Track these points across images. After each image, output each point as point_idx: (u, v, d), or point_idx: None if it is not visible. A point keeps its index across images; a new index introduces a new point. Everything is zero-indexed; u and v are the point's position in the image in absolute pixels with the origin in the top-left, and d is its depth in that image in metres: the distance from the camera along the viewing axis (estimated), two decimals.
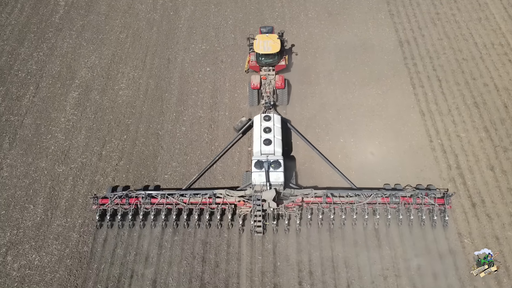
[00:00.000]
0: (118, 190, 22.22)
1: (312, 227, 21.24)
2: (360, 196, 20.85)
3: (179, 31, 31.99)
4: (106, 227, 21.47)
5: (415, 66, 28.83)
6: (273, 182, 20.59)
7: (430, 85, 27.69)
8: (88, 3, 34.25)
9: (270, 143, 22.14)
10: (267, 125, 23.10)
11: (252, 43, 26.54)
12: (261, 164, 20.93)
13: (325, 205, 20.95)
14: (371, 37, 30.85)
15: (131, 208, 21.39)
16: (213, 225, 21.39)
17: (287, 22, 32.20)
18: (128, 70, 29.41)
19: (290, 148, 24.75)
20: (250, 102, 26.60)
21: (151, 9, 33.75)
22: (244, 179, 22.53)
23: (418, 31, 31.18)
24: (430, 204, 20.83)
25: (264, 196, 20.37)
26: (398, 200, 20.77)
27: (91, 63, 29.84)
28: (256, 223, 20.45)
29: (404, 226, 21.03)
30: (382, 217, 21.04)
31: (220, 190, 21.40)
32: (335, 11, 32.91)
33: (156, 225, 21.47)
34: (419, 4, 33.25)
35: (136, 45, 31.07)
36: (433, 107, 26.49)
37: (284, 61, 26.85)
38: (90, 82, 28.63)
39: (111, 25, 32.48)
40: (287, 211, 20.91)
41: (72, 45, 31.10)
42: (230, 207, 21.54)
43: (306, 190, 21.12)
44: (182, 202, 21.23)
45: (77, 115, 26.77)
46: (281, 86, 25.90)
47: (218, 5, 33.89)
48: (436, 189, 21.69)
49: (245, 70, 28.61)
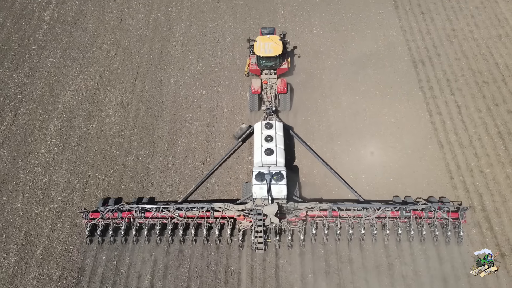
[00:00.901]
0: (109, 203, 20.79)
1: (317, 243, 19.78)
2: (368, 209, 19.53)
3: (172, 49, 29.41)
4: (96, 244, 20.02)
5: (431, 90, 26.26)
6: (275, 195, 19.22)
7: (449, 112, 25.12)
8: (75, 17, 31.66)
9: (272, 153, 20.73)
10: (268, 134, 21.64)
11: (253, 45, 25.02)
12: (263, 177, 19.58)
13: (330, 219, 19.67)
14: (382, 56, 28.27)
15: (123, 223, 19.97)
16: (211, 240, 20.09)
17: (291, 39, 29.54)
18: (117, 93, 26.83)
19: (293, 157, 23.17)
20: (250, 107, 25.04)
21: (143, 24, 31.17)
22: (244, 190, 21.16)
23: (433, 50, 28.59)
24: (443, 219, 19.56)
25: (265, 211, 18.94)
26: (409, 214, 19.45)
27: (76, 86, 27.26)
28: (257, 239, 19.02)
29: (415, 242, 19.66)
30: (392, 232, 19.83)
31: (218, 204, 20.04)
32: (343, 27, 30.33)
33: (150, 240, 20.05)
34: (433, 19, 30.67)
35: (126, 65, 28.49)
36: (453, 138, 23.93)
37: (287, 64, 25.34)
38: (74, 108, 26.06)
39: (99, 42, 29.89)
40: (290, 225, 19.65)
41: (56, 64, 28.51)
42: (229, 222, 20.06)
43: (311, 203, 19.79)
44: (178, 216, 19.90)
45: (59, 146, 24.19)
46: (283, 91, 24.44)
47: (216, 20, 31.32)
48: (449, 202, 20.38)
49: (245, 74, 26.96)
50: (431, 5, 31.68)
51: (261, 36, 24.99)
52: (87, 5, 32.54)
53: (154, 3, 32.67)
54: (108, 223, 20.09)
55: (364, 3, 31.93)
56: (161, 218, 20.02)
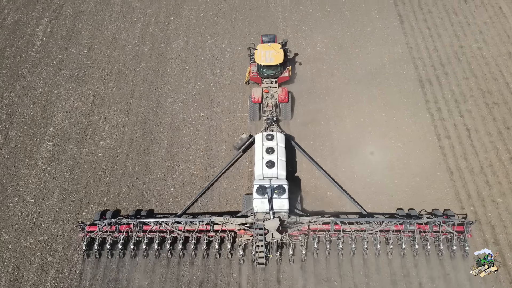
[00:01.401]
0: (107, 216, 20.32)
1: (319, 257, 19.37)
2: (371, 223, 19.18)
3: (170, 67, 28.33)
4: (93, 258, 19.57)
5: (439, 112, 25.18)
6: (277, 210, 18.80)
7: (458, 136, 24.04)
8: (69, 33, 30.58)
9: (273, 166, 20.40)
10: (269, 145, 21.28)
11: (253, 52, 24.62)
12: (264, 190, 19.21)
13: (333, 233, 19.31)
14: (388, 75, 27.19)
15: (121, 237, 19.55)
16: (211, 254, 19.66)
17: (292, 58, 28.52)
18: (111, 115, 25.75)
19: (294, 169, 22.69)
20: (251, 117, 24.63)
21: (140, 40, 30.09)
22: (245, 203, 20.67)
23: (440, 68, 27.51)
24: (448, 232, 19.14)
25: (267, 226, 18.59)
26: (413, 227, 19.09)
27: (69, 106, 26.17)
28: (258, 253, 18.71)
29: (420, 257, 19.25)
30: (395, 246, 19.35)
31: (218, 218, 19.55)
32: (346, 44, 29.26)
33: (148, 254, 19.64)
34: (440, 35, 29.58)
35: (121, 83, 27.41)
36: (463, 164, 22.84)
37: (288, 72, 24.97)
38: (67, 130, 24.97)
39: (94, 60, 28.81)
40: (292, 239, 19.23)
41: (49, 83, 27.43)
42: (229, 235, 19.59)
43: (313, 217, 19.40)
44: (177, 230, 19.50)
45: (50, 172, 23.11)
46: (284, 100, 24.02)
47: (214, 36, 30.24)
48: (454, 215, 20.04)
49: (245, 82, 26.50)
50: (437, 20, 30.61)
51: (262, 44, 24.61)
52: (81, 20, 31.48)
53: (151, 18, 31.61)
54: (106, 237, 19.60)
55: (368, 18, 30.87)
56: (160, 232, 19.60)
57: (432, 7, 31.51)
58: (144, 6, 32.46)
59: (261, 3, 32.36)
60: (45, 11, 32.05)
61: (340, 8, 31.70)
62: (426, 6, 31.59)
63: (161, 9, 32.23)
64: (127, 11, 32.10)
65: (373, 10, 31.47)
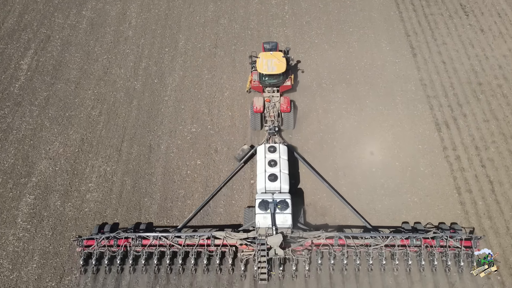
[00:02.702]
0: (105, 229, 19.90)
1: (323, 272, 18.84)
2: (376, 238, 18.70)
3: (164, 106, 26.13)
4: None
5: (458, 161, 22.97)
6: (280, 225, 18.38)
7: (480, 189, 21.83)
8: (55, 66, 28.38)
9: (276, 179, 19.86)
10: (272, 158, 20.76)
11: (255, 61, 24.24)
12: (266, 205, 18.69)
13: (337, 248, 18.79)
14: (401, 117, 24.99)
15: (119, 251, 19.14)
16: (212, 270, 19.12)
17: (297, 93, 26.38)
18: (100, 162, 23.55)
19: (297, 181, 22.17)
20: (252, 126, 24.14)
21: (132, 75, 27.88)
22: (246, 216, 20.20)
23: (458, 109, 25.31)
24: (455, 247, 18.69)
25: (270, 242, 18.12)
26: (419, 242, 18.61)
27: (53, 152, 23.97)
28: (260, 269, 18.33)
29: (427, 272, 18.79)
30: (401, 262, 18.89)
31: (219, 232, 19.06)
32: (355, 80, 27.05)
33: (147, 270, 19.20)
34: (456, 70, 27.38)
35: (111, 125, 25.21)
36: (486, 224, 20.64)
37: (290, 81, 24.52)
38: (50, 181, 22.77)
39: (82, 97, 26.61)
40: (295, 255, 18.78)
41: (32, 125, 25.23)
42: (230, 250, 19.18)
43: (316, 232, 18.90)
44: (177, 244, 19.04)
45: (30, 231, 20.89)
46: (286, 110, 23.47)
47: (212, 70, 28.04)
48: (461, 229, 19.59)
49: (246, 91, 25.98)
50: (453, 52, 28.42)
51: (264, 53, 23.97)
52: (70, 51, 29.28)
53: (145, 49, 29.41)
54: (104, 251, 19.15)
55: (378, 50, 28.68)
56: (159, 246, 19.15)
57: (447, 38, 29.32)
58: (137, 36, 30.28)
59: (263, 32, 30.19)
60: (31, 41, 29.86)
61: (347, 39, 29.52)
62: (440, 37, 29.41)
63: (155, 39, 30.05)
64: (119, 42, 29.91)
65: (383, 41, 29.29)
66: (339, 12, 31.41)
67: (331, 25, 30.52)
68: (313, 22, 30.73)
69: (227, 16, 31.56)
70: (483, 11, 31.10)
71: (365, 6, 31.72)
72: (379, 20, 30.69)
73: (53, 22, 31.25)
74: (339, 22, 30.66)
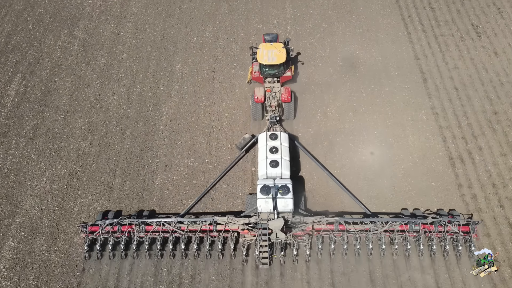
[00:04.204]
0: (109, 216, 20.33)
1: (323, 257, 19.28)
2: (376, 223, 19.17)
3: (159, 137, 24.54)
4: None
5: (475, 201, 21.38)
6: (281, 209, 18.83)
7: (499, 233, 20.24)
8: (44, 92, 26.78)
9: (277, 165, 20.36)
10: (273, 145, 21.25)
11: (255, 52, 24.65)
12: (268, 190, 19.18)
13: (337, 233, 19.30)
14: (412, 150, 23.40)
15: (123, 237, 19.50)
16: (214, 255, 19.51)
17: (300, 123, 24.81)
18: (89, 200, 21.94)
19: (298, 168, 22.66)
20: (254, 116, 24.57)
21: (125, 102, 26.27)
22: (247, 203, 20.53)
23: (472, 141, 23.72)
24: (454, 233, 19.18)
25: (271, 226, 18.50)
26: (418, 228, 19.08)
27: (40, 189, 22.38)
28: (262, 254, 18.71)
29: (425, 257, 19.25)
30: (400, 246, 19.41)
31: (221, 217, 19.51)
32: (362, 108, 25.47)
33: (151, 255, 19.56)
34: (470, 98, 25.78)
35: (103, 159, 23.61)
36: (507, 273, 19.02)
37: (290, 71, 24.93)
38: (36, 221, 21.16)
39: (72, 127, 25.01)
40: (296, 240, 19.24)
41: (18, 158, 23.64)
42: (232, 235, 19.53)
43: (317, 217, 19.33)
44: (179, 230, 19.49)
45: (13, 280, 19.28)
46: (287, 100, 23.84)
47: (211, 96, 26.45)
48: (459, 215, 20.05)
49: (247, 82, 26.41)
50: (465, 78, 26.83)
51: (264, 44, 24.39)
52: (60, 76, 27.69)
53: (139, 73, 27.81)
54: (108, 237, 19.61)
55: (386, 76, 27.09)
56: (162, 232, 19.52)
57: (458, 62, 27.73)
58: (132, 59, 28.69)
59: None
60: (19, 65, 28.27)
61: (353, 62, 27.92)
62: (451, 60, 27.81)
63: (151, 62, 28.46)
64: (112, 65, 28.32)
65: (391, 64, 27.70)
66: (344, 33, 29.84)
67: (336, 47, 28.94)
68: (317, 44, 29.16)
69: (226, 36, 29.99)
70: (496, 32, 29.53)
71: (371, 26, 30.16)
72: (387, 41, 29.11)
73: (43, 43, 29.66)
74: (345, 43, 29.07)
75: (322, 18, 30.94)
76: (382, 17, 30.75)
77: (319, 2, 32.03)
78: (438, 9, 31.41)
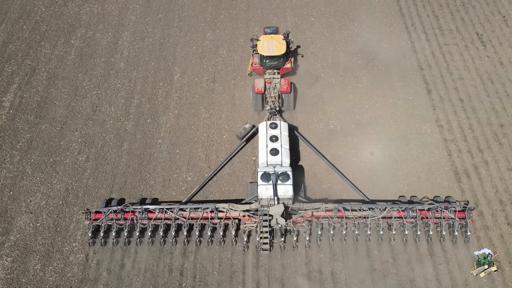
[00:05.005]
0: (112, 204, 20.79)
1: (323, 243, 19.77)
2: (374, 210, 19.67)
3: (157, 150, 23.97)
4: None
5: (482, 218, 20.81)
6: (281, 196, 19.36)
7: (506, 252, 19.63)
8: (40, 103, 26.21)
9: (277, 153, 20.84)
10: (273, 134, 21.72)
11: (256, 44, 24.97)
12: (268, 177, 19.69)
13: (336, 220, 19.70)
14: (417, 165, 22.82)
15: (126, 224, 19.92)
16: (216, 241, 20.08)
17: (302, 134, 24.20)
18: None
19: (297, 158, 23.17)
20: (254, 107, 25.00)
21: (123, 113, 25.71)
22: (248, 191, 20.96)
23: (478, 155, 23.14)
24: (450, 218, 19.61)
25: (271, 212, 19.02)
26: (415, 214, 19.50)
27: (35, 205, 21.81)
28: (263, 239, 19.14)
29: (422, 242, 19.74)
30: (398, 232, 19.96)
31: (222, 204, 20.09)
32: (365, 120, 24.89)
33: (153, 242, 20.08)
34: (475, 109, 25.21)
35: (99, 173, 23.05)
36: None
37: (290, 63, 25.31)
38: (30, 239, 20.60)
39: (68, 140, 24.44)
40: (296, 226, 19.64)
41: (13, 173, 23.08)
42: (233, 222, 19.97)
43: (316, 204, 19.90)
44: (182, 217, 19.93)
45: None
46: (287, 91, 24.28)
47: (210, 108, 25.88)
48: (456, 201, 20.46)
49: (248, 74, 26.74)
50: (470, 89, 26.25)
51: (265, 36, 24.77)
52: (56, 86, 27.13)
53: (137, 84, 27.25)
54: (111, 224, 20.01)
55: (389, 86, 26.52)
56: (165, 219, 19.94)
57: (463, 72, 27.16)
58: (129, 68, 28.12)
59: None
60: (15, 75, 27.72)
61: (356, 73, 27.36)
62: (456, 70, 27.23)
63: (149, 72, 27.89)
64: (110, 75, 27.75)
65: (394, 75, 27.13)
66: (346, 42, 29.27)
67: (338, 56, 28.38)
68: (318, 53, 28.59)
69: (226, 45, 29.43)
70: (501, 40, 28.97)
71: (374, 35, 29.58)
72: (390, 51, 28.53)
73: (39, 52, 29.11)
74: (347, 53, 28.51)
75: (323, 26, 30.38)
76: (385, 26, 30.19)
77: (321, 10, 31.49)
78: (442, 17, 30.86)
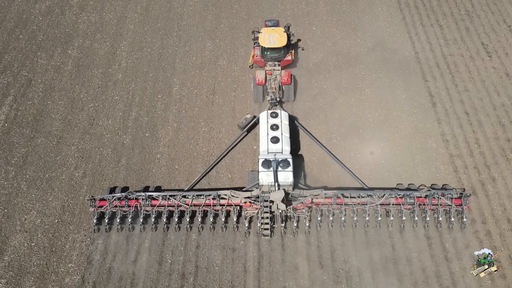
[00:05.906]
0: (116, 192, 21.16)
1: (322, 229, 20.28)
2: (372, 196, 20.13)
3: (155, 166, 23.38)
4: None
5: (489, 237, 20.22)
6: (282, 182, 19.86)
7: None
8: (36, 116, 25.63)
9: (277, 141, 21.37)
10: (274, 122, 22.25)
11: (257, 36, 25.38)
12: (269, 163, 20.21)
13: (335, 206, 20.14)
14: (422, 181, 22.15)
15: (130, 211, 20.38)
16: (218, 227, 20.54)
17: (304, 151, 23.61)
18: (82, 236, 20.78)
19: (298, 147, 23.70)
20: (255, 98, 25.49)
21: (121, 127, 25.13)
22: (249, 179, 21.40)
23: (485, 171, 22.56)
24: (447, 205, 20.01)
25: (272, 197, 19.49)
26: (413, 200, 19.97)
27: (30, 224, 21.23)
28: (264, 225, 19.56)
29: (419, 228, 20.24)
30: (396, 218, 20.30)
31: (224, 191, 20.55)
32: (368, 135, 24.31)
33: (157, 228, 20.54)
34: (481, 123, 24.62)
35: (96, 190, 22.44)
36: None
37: (291, 56, 25.76)
38: (25, 260, 20.01)
39: (65, 155, 23.86)
40: (296, 212, 20.15)
41: (8, 189, 22.50)
42: (235, 209, 20.43)
43: (316, 190, 20.38)
44: (184, 204, 20.36)
45: None
46: (287, 82, 24.80)
47: (210, 121, 25.29)
48: (452, 189, 20.95)
49: (249, 66, 27.32)
50: (476, 101, 25.67)
51: (266, 28, 25.24)
52: (53, 98, 26.55)
53: (135, 96, 26.67)
54: (116, 211, 20.39)
55: (393, 99, 25.94)
56: (168, 206, 20.35)
57: (469, 84, 26.58)
58: (128, 80, 27.54)
59: None
60: (10, 86, 27.13)
61: (359, 84, 26.79)
62: (461, 82, 26.66)
63: (147, 84, 27.32)
64: (107, 86, 27.17)
65: (398, 87, 26.55)
66: (349, 52, 28.69)
67: (341, 67, 27.80)
68: (320, 64, 28.00)
69: (226, 56, 28.85)
70: (507, 51, 28.39)
71: (378, 44, 28.99)
72: (393, 61, 27.96)
73: (36, 63, 28.53)
74: (349, 64, 27.94)
75: (325, 36, 29.81)
76: (388, 36, 29.61)
77: (323, 19, 30.92)
78: (446, 26, 30.28)
